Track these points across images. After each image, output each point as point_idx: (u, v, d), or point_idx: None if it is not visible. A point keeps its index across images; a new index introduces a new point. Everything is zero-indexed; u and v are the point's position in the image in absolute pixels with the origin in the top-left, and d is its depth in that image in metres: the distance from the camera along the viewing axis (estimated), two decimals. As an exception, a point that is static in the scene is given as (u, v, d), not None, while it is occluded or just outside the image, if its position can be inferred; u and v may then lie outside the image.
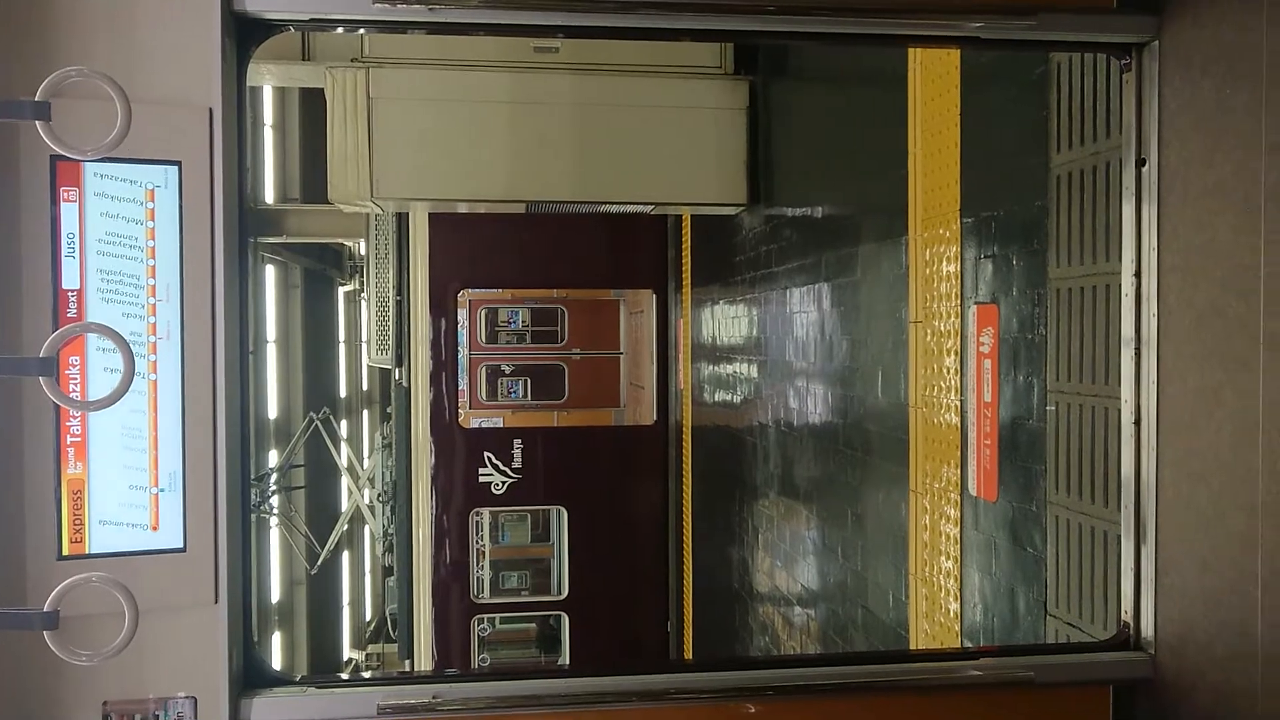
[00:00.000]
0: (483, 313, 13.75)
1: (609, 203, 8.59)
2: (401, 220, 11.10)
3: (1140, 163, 3.06)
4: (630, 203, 8.53)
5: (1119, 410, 3.14)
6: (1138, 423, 3.06)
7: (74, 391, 2.44)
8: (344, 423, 20.77)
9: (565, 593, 11.38)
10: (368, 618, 22.06)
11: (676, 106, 8.07)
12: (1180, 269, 2.92)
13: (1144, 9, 2.98)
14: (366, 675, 10.41)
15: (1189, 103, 2.89)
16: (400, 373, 11.69)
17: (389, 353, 11.80)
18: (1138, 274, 3.07)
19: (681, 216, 10.48)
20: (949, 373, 4.43)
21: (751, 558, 7.91)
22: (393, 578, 13.70)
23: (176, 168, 2.50)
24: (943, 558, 4.48)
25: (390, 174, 7.85)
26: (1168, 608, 2.97)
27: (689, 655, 10.43)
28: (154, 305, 2.52)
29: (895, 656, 3.07)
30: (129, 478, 2.52)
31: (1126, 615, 3.09)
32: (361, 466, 16.52)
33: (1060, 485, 3.59)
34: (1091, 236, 3.42)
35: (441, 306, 11.13)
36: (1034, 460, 3.77)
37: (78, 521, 2.48)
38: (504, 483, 11.00)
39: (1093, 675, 2.99)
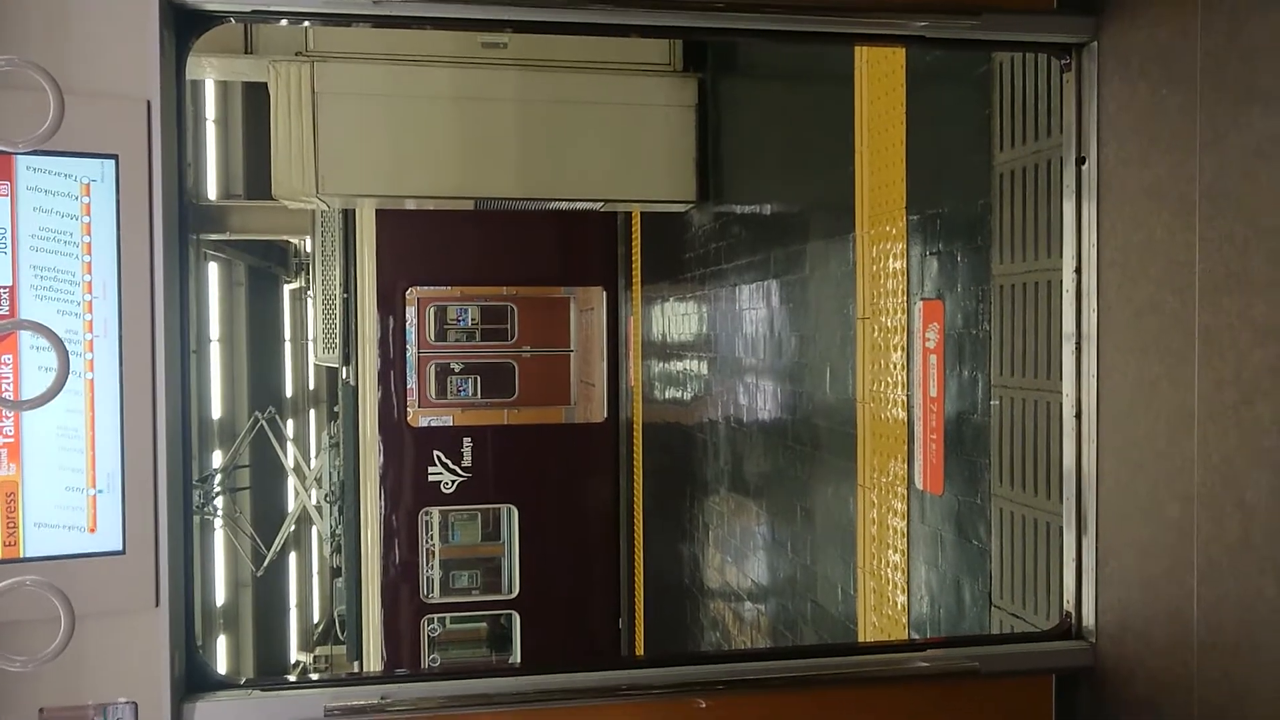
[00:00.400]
0: (431, 310, 13.63)
1: (558, 200, 8.57)
2: (348, 217, 10.96)
3: (1080, 161, 3.11)
4: (579, 200, 8.51)
5: (1060, 404, 3.20)
6: (1079, 416, 3.12)
7: (6, 391, 2.37)
8: (290, 422, 20.49)
9: (516, 591, 11.34)
10: (316, 620, 21.79)
11: (625, 103, 8.07)
12: (1119, 265, 2.98)
13: (1083, 10, 3.04)
14: (314, 677, 10.28)
15: (1127, 103, 2.95)
16: (347, 371, 11.55)
17: (336, 351, 11.65)
18: (1078, 270, 3.13)
19: (631, 213, 10.49)
20: (896, 368, 4.49)
21: (702, 554, 7.94)
22: (341, 579, 13.54)
23: (113, 161, 2.44)
24: (890, 551, 4.53)
25: (336, 170, 7.75)
26: (1108, 597, 3.03)
27: (641, 652, 10.45)
28: (90, 302, 2.46)
29: (844, 649, 3.10)
30: (65, 479, 2.46)
31: (1068, 605, 3.15)
32: (308, 466, 16.30)
33: (1004, 478, 3.65)
34: (1034, 233, 3.48)
35: (389, 304, 11.03)
36: (979, 454, 3.83)
37: (11, 524, 2.41)
38: (454, 481, 10.93)
39: (1036, 665, 3.05)
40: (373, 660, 10.76)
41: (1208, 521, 2.64)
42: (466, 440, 11.11)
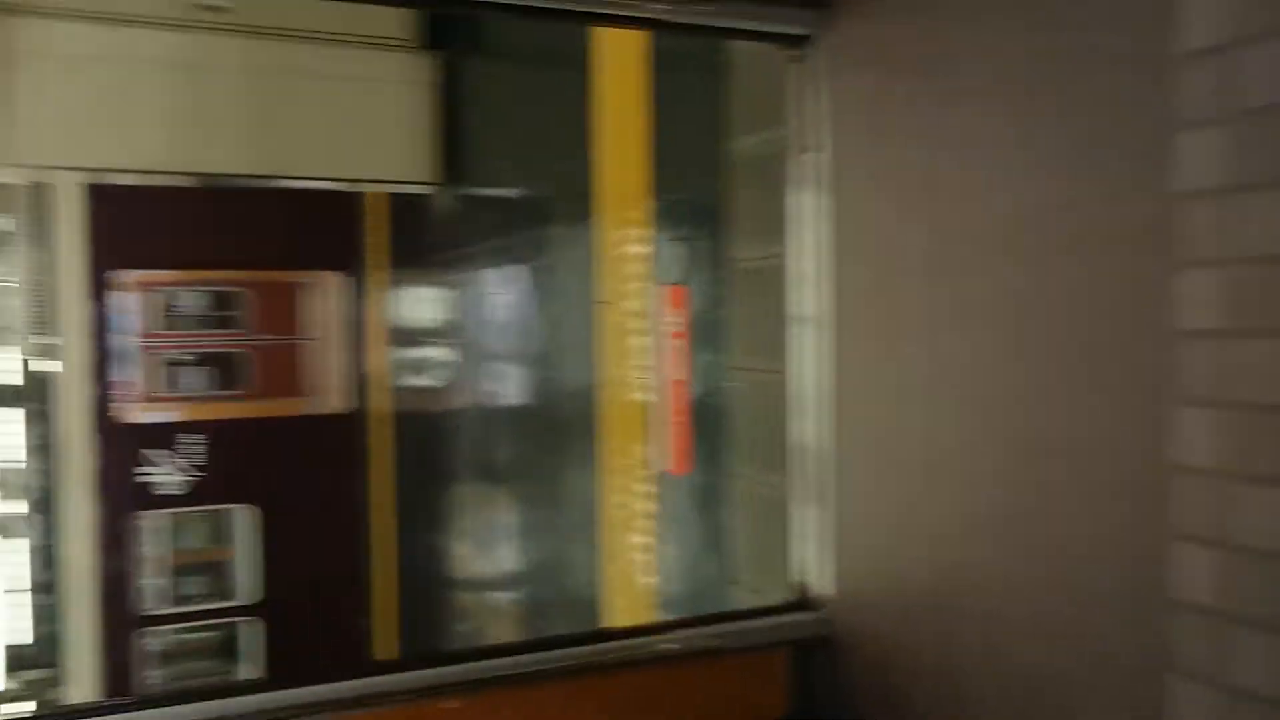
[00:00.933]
0: (155, 297, 12.52)
1: (290, 178, 8.06)
2: (54, 192, 9.84)
3: (810, 150, 3.22)
4: (315, 179, 8.05)
5: (795, 384, 3.31)
6: (812, 396, 3.25)
7: None
8: (-14, 423, 18.34)
9: (255, 597, 10.66)
10: (21, 640, 19.67)
11: (363, 79, 7.69)
12: (849, 250, 3.11)
13: (813, 4, 3.14)
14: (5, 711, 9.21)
15: (853, 94, 3.08)
16: (53, 365, 10.41)
17: (40, 343, 10.48)
18: (811, 255, 3.24)
19: (374, 195, 10.07)
20: (640, 352, 4.52)
21: (455, 546, 7.77)
22: (48, 594, 12.24)
23: None
24: (636, 534, 4.57)
25: (36, 139, 6.94)
26: (841, 569, 3.18)
27: (396, 652, 10.11)
28: None
29: (592, 637, 3.08)
30: None
31: (804, 578, 3.27)
32: (6, 471, 14.62)
33: (745, 457, 3.75)
34: (769, 220, 3.58)
35: (103, 290, 10.02)
36: (720, 435, 3.91)
37: None
38: (181, 482, 10.12)
39: (774, 638, 3.15)
40: (86, 682, 9.79)
41: (932, 494, 2.80)
42: (196, 436, 10.30)
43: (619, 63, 4.72)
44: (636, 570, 4.54)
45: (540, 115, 6.00)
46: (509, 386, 6.27)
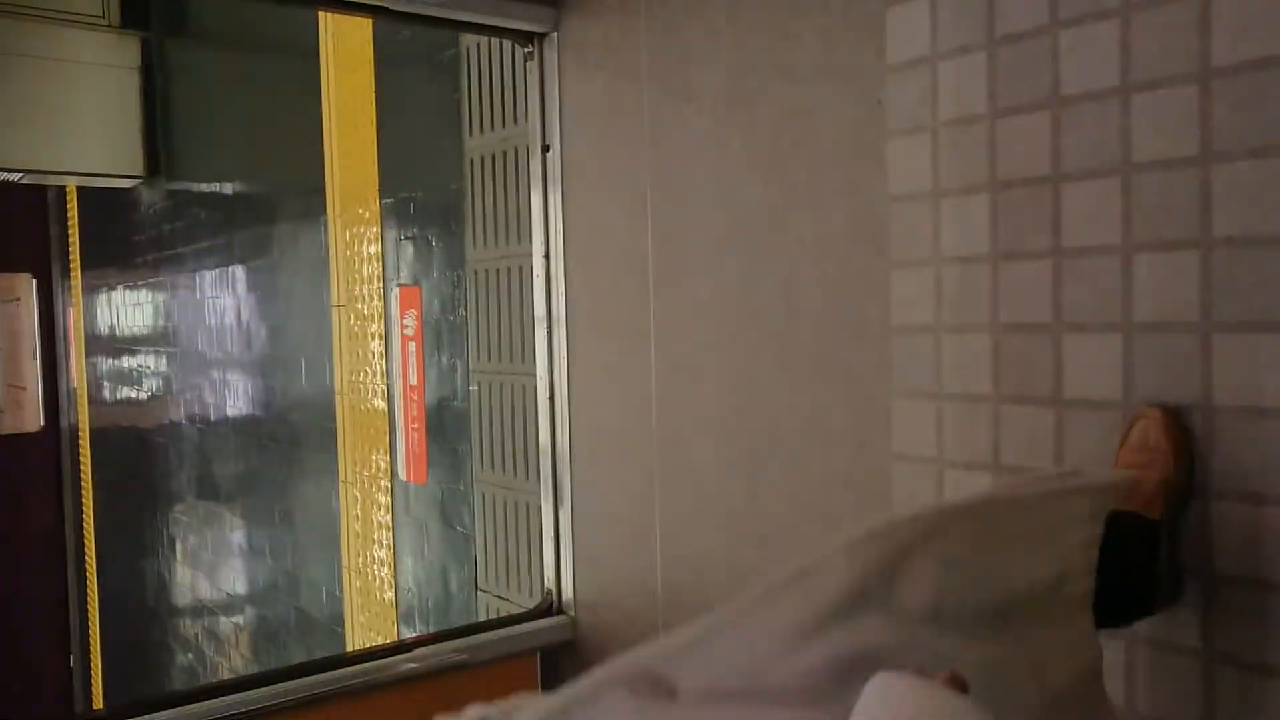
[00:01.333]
0: None
1: (-28, 168, 7.11)
2: None
3: (545, 149, 3.19)
4: (6, 170, 7.13)
5: (535, 386, 3.27)
6: (551, 397, 3.22)
7: None
8: None
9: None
10: None
11: (55, 59, 6.90)
12: (584, 251, 3.11)
13: (548, 0, 3.11)
14: None
15: (586, 95, 3.07)
16: None
17: None
18: (546, 256, 3.21)
19: (66, 189, 9.08)
20: (375, 357, 4.33)
21: (170, 571, 7.14)
22: None
23: None
24: (376, 546, 4.38)
25: None
26: (584, 571, 3.17)
27: (100, 693, 9.18)
28: None
29: (332, 663, 2.89)
30: None
31: (549, 583, 3.24)
32: None
33: (486, 462, 3.67)
34: (505, 220, 3.52)
35: None
36: (461, 440, 3.81)
37: None
38: None
39: (521, 646, 3.10)
40: None
41: (665, 490, 2.84)
42: None
43: (346, 52, 4.49)
44: (379, 585, 4.35)
45: (261, 105, 5.62)
46: (232, 396, 5.83)
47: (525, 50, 3.20)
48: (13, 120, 6.75)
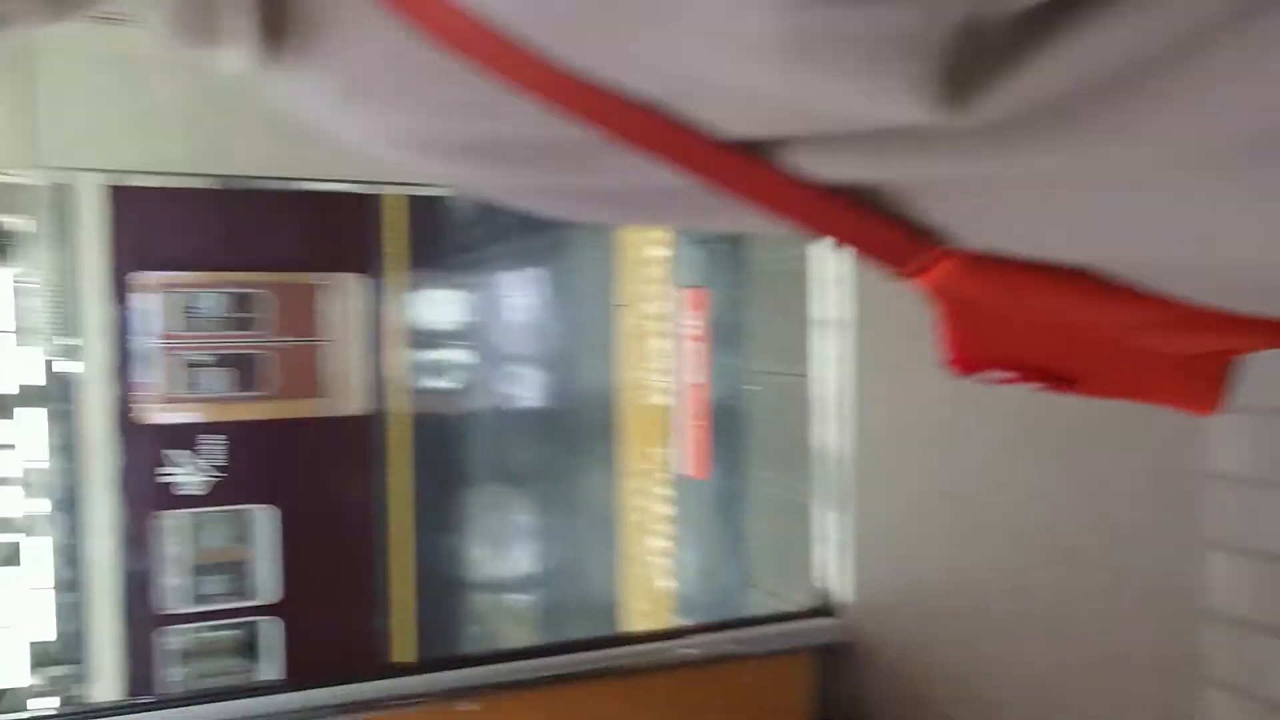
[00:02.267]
0: (174, 298, 12.60)
1: (312, 179, 8.09)
2: (71, 194, 9.93)
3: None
4: (336, 180, 8.07)
5: (818, 386, 3.29)
6: (833, 399, 3.22)
7: None
8: (3, 423, 18.49)
9: (274, 597, 10.70)
10: (44, 638, 19.84)
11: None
12: (867, 254, 3.08)
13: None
14: (33, 710, 9.28)
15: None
16: (74, 366, 10.49)
17: (62, 344, 10.56)
18: (833, 257, 3.22)
19: (392, 197, 10.09)
20: (659, 355, 4.51)
21: (474, 548, 7.77)
22: (71, 593, 12.34)
23: None
24: (653, 537, 4.55)
25: (57, 140, 6.97)
26: (861, 573, 3.15)
27: (413, 654, 10.13)
28: None
29: (610, 641, 3.06)
30: None
31: (824, 583, 3.25)
32: (30, 471, 14.74)
33: (764, 461, 3.73)
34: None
35: (125, 291, 10.08)
36: (740, 438, 3.89)
37: None
38: (201, 482, 10.17)
39: (793, 644, 3.12)
40: (109, 680, 9.86)
41: (950, 499, 2.78)
42: (214, 437, 10.35)
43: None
44: (655, 574, 4.53)
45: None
46: (527, 389, 6.27)
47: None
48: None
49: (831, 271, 3.21)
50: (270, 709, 2.62)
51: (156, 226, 10.06)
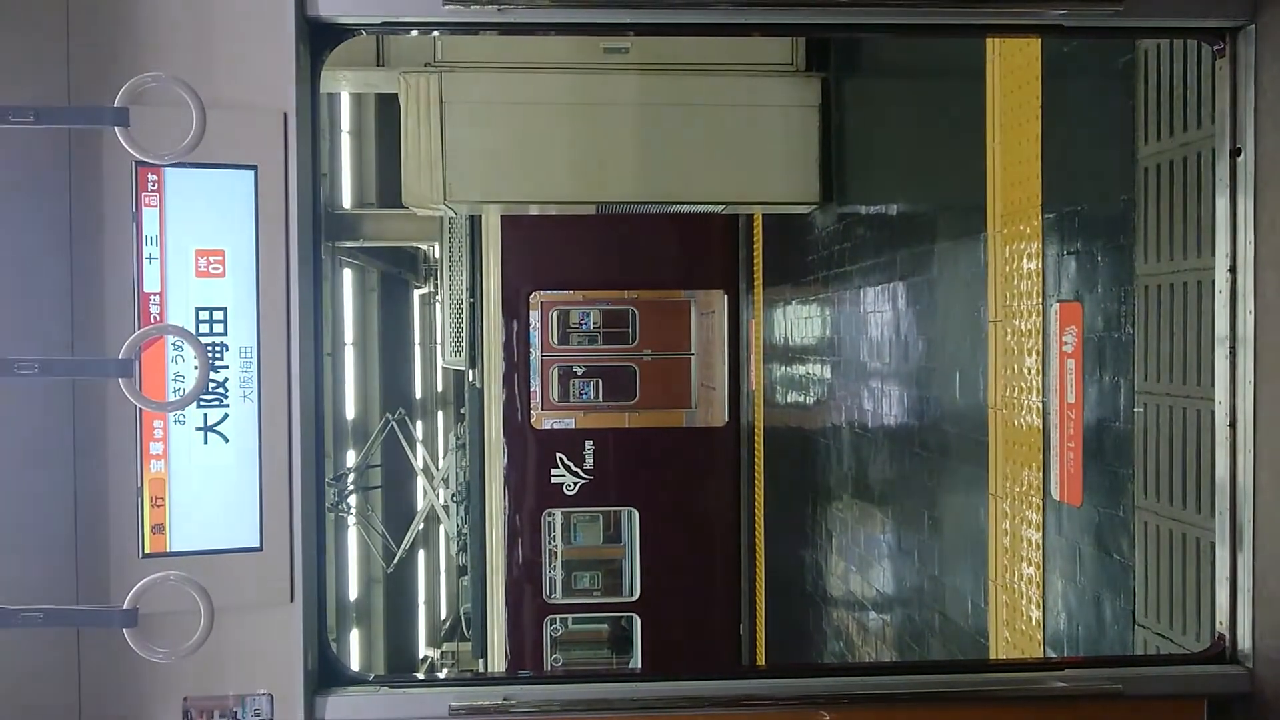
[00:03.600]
0: (554, 314, 13.83)
1: (679, 203, 8.56)
2: (474, 223, 11.21)
3: (1235, 153, 2.92)
4: (701, 202, 8.48)
5: (1212, 412, 3.01)
6: (1233, 425, 2.93)
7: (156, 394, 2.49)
8: (419, 424, 21.10)
9: (637, 594, 11.37)
10: (443, 616, 22.34)
11: (747, 105, 7.99)
12: (1279, 264, 2.78)
13: (1239, -8, 2.85)
14: (440, 675, 10.50)
15: (1288, 89, 2.76)
16: (473, 374, 11.80)
17: (462, 355, 11.92)
18: (1233, 269, 2.93)
19: (753, 216, 10.41)
20: (1030, 373, 4.30)
21: (825, 561, 7.80)
22: (466, 577, 13.85)
23: (252, 172, 2.54)
24: (1024, 564, 4.35)
25: (462, 177, 7.92)
26: (1266, 618, 2.83)
27: (762, 660, 10.34)
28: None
29: (975, 666, 2.98)
30: (207, 478, 2.57)
31: (1222, 626, 2.95)
32: (436, 467, 16.75)
33: (1150, 490, 3.46)
34: (1182, 231, 3.29)
35: (513, 308, 11.21)
36: (1121, 464, 3.63)
37: (159, 520, 2.53)
38: (576, 483, 11.04)
39: (1186, 689, 2.87)
40: (496, 658, 10.96)
41: (1383, 541, 2.43)
42: (588, 443, 11.20)
43: (1011, 69, 4.54)
44: (1025, 602, 4.32)
45: (925, 131, 5.91)
46: (887, 403, 6.21)
47: (1215, 48, 2.96)
48: (717, 161, 7.95)
49: (1233, 283, 2.92)
50: (632, 694, 2.83)
51: (542, 250, 11.09)
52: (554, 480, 11.02)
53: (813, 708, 2.87)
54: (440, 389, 23.48)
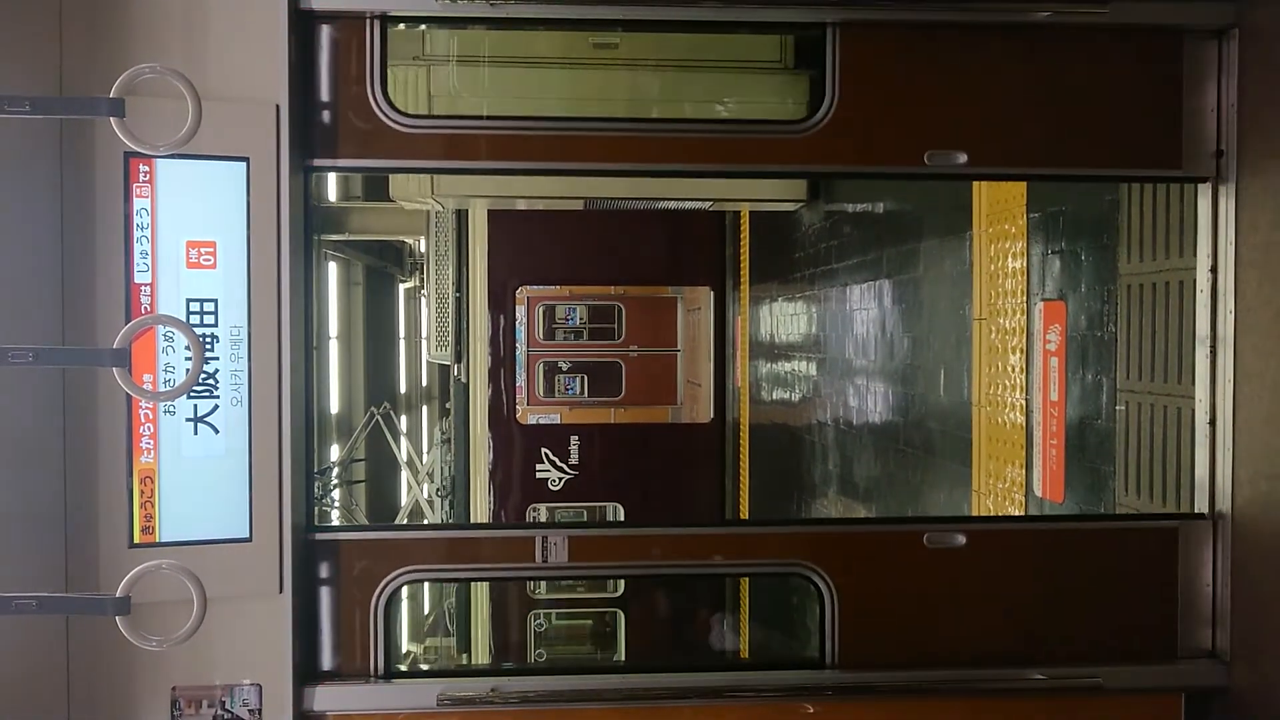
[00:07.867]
0: (540, 309, 13.81)
1: (666, 199, 8.58)
2: (461, 217, 11.19)
3: (1217, 155, 2.96)
4: (688, 199, 8.50)
5: (1193, 409, 3.05)
6: (1213, 422, 2.97)
7: (145, 384, 2.49)
8: (404, 418, 21.04)
9: (621, 589, 11.39)
10: (426, 611, 22.30)
11: (736, 102, 8.01)
12: (1258, 264, 2.83)
13: None
14: (425, 667, 10.51)
15: (1267, 92, 2.80)
16: (459, 369, 11.79)
17: (448, 349, 11.90)
18: (1213, 269, 2.98)
19: (740, 212, 10.43)
20: (1014, 371, 4.35)
21: (809, 557, 7.83)
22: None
23: (244, 164, 2.54)
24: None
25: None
26: (1242, 617, 2.88)
27: (744, 650, 10.38)
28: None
29: (955, 661, 3.01)
30: (196, 468, 2.57)
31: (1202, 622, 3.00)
32: (421, 461, 16.71)
33: (1130, 486, 3.50)
34: (1165, 231, 3.33)
35: (500, 303, 11.20)
36: (1103, 461, 3.68)
37: (148, 510, 2.53)
38: (561, 479, 11.05)
39: (1164, 683, 2.92)
40: (481, 653, 10.96)
41: (1357, 537, 2.48)
42: (574, 438, 11.21)
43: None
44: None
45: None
46: (872, 401, 6.25)
47: (1199, 50, 3.00)
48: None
49: (1220, 284, 2.96)
50: (617, 686, 2.87)
51: (529, 245, 11.08)
52: (539, 475, 11.02)
53: (796, 699, 2.91)
54: (425, 383, 23.40)
